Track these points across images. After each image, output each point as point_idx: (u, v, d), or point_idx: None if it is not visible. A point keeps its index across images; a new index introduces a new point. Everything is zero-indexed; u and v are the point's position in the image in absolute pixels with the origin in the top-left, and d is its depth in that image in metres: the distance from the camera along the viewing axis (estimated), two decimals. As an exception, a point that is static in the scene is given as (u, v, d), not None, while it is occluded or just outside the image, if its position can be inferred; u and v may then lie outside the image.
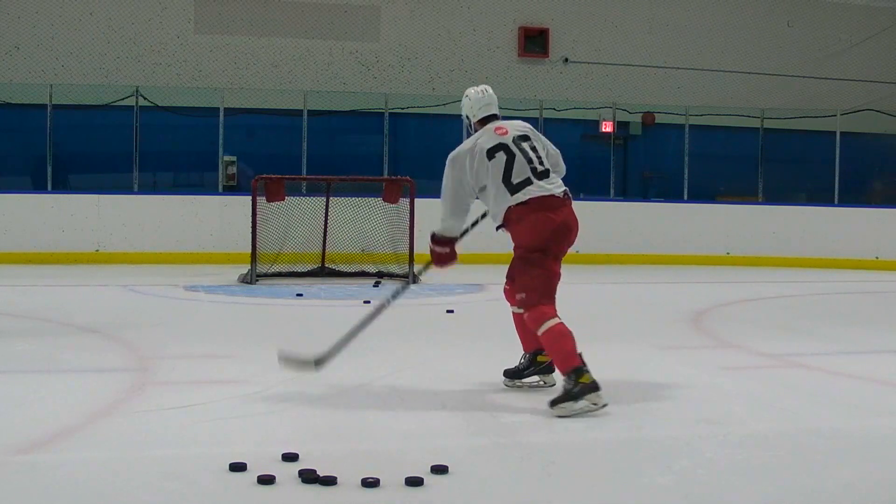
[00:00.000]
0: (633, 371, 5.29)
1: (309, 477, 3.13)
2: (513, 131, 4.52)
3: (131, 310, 8.03)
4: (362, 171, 13.88)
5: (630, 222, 14.00)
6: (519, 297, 4.42)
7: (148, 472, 3.25)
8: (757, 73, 16.08)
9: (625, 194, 15.64)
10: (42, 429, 3.78)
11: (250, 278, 10.07)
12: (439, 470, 3.24)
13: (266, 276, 10.33)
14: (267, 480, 3.11)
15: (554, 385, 4.60)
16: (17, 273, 10.76)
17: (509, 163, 4.40)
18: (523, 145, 4.47)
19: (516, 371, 4.71)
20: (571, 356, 4.17)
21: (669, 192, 15.28)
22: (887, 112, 15.59)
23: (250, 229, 10.17)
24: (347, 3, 14.90)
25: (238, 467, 3.23)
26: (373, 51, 15.03)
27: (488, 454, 3.54)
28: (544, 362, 4.63)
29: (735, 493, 3.15)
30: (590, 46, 15.77)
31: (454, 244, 4.62)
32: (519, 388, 4.68)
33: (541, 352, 4.60)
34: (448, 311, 7.53)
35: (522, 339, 4.69)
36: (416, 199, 10.48)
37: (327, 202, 10.93)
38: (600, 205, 14.08)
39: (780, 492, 3.16)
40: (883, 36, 16.51)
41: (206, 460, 3.35)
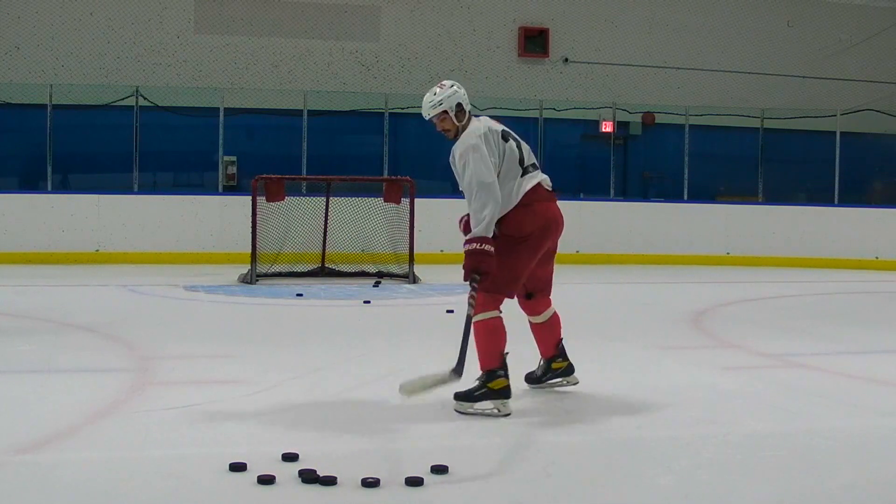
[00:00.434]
0: (633, 371, 5.30)
1: (309, 477, 3.13)
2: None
3: (131, 310, 8.03)
4: (362, 172, 13.88)
5: (630, 222, 13.99)
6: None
7: (148, 472, 3.25)
8: (757, 73, 16.06)
9: (625, 194, 15.61)
10: (42, 429, 3.78)
11: (250, 278, 10.07)
12: (439, 470, 3.24)
13: (266, 276, 10.33)
14: (267, 480, 3.11)
15: (577, 384, 4.62)
16: (17, 273, 10.75)
17: (520, 147, 4.40)
18: (515, 136, 4.49)
19: (536, 378, 4.70)
20: (494, 357, 4.17)
21: (669, 192, 15.28)
22: (887, 112, 15.56)
23: (250, 229, 10.18)
24: (347, 3, 14.89)
25: (238, 467, 3.23)
26: (373, 51, 15.03)
27: (488, 454, 3.53)
28: (560, 368, 4.63)
29: (735, 493, 3.15)
30: (590, 46, 15.76)
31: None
32: (540, 389, 4.66)
33: (556, 359, 4.61)
34: (448, 311, 7.53)
35: (539, 345, 4.68)
36: (416, 200, 10.48)
37: (327, 202, 10.94)
38: (600, 205, 14.10)
39: (781, 492, 3.16)
40: (883, 36, 16.50)
41: (206, 460, 3.35)
